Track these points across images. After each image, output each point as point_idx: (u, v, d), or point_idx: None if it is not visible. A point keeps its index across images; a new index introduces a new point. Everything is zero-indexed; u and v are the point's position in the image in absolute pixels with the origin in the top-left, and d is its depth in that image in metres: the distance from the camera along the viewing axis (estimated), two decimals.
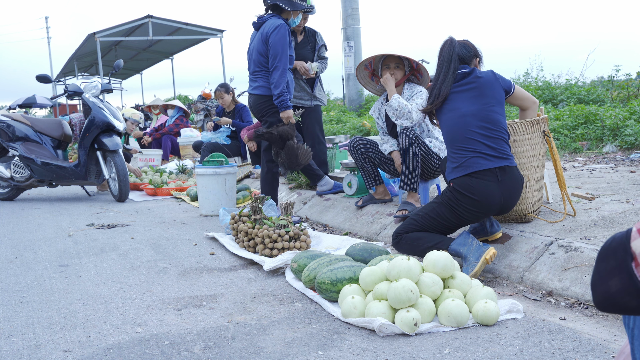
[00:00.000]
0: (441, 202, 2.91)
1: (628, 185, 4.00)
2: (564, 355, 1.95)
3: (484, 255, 2.74)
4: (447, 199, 2.89)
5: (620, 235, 0.97)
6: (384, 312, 2.28)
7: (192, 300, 2.76)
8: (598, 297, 1.01)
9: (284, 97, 4.37)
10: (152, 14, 14.99)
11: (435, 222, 2.93)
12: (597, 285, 1.01)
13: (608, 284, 0.98)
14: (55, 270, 3.44)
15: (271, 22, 4.41)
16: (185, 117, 9.68)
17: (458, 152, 2.89)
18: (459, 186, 2.85)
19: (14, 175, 6.61)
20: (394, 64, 3.94)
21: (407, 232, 2.96)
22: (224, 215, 4.18)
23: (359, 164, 4.12)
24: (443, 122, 3.00)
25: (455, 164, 2.90)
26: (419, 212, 3.00)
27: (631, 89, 8.54)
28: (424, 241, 2.91)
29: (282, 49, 4.34)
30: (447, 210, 2.89)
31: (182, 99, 21.32)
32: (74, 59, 19.90)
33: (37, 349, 2.22)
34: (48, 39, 41.08)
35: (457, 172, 2.87)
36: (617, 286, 0.97)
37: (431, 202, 3.00)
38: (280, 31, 4.35)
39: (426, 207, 2.98)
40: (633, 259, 0.94)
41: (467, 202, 2.84)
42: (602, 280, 0.99)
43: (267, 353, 2.09)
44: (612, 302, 0.99)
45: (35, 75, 6.55)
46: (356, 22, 13.02)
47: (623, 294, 0.96)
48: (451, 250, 2.82)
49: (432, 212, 2.93)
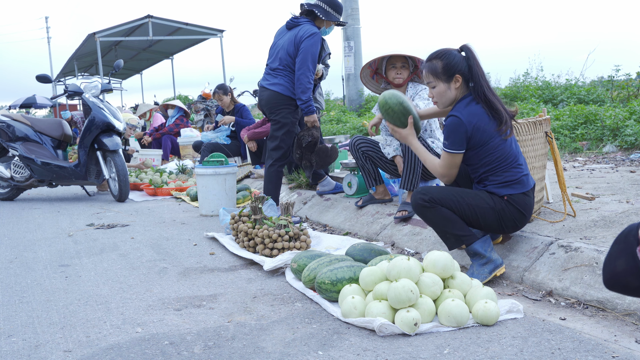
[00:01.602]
0: (493, 207, 2.78)
1: (628, 185, 4.00)
2: (564, 355, 1.96)
3: (497, 272, 2.77)
4: (500, 208, 2.78)
5: (635, 223, 1.11)
6: (384, 312, 2.28)
7: (192, 300, 2.76)
8: (606, 276, 1.14)
9: (311, 103, 4.46)
10: (152, 14, 14.98)
11: (473, 217, 2.79)
12: (607, 265, 1.14)
13: (615, 264, 1.11)
14: (55, 270, 3.44)
15: (307, 28, 4.45)
16: (185, 117, 9.68)
17: (513, 169, 2.79)
18: (516, 203, 2.78)
19: (14, 175, 6.61)
20: (400, 64, 3.95)
21: (443, 205, 2.78)
22: (224, 215, 4.18)
23: (359, 163, 4.12)
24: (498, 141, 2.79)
25: (507, 179, 2.78)
26: (464, 196, 2.80)
27: (631, 89, 8.54)
28: (454, 226, 2.77)
29: (312, 57, 4.42)
30: (493, 217, 2.79)
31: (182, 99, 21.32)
32: (74, 59, 19.90)
33: (37, 349, 2.22)
34: (48, 39, 41.10)
35: (514, 189, 2.78)
36: (622, 266, 1.09)
37: (479, 196, 2.80)
38: (316, 38, 4.42)
39: (474, 199, 2.80)
40: (638, 243, 1.06)
41: (517, 217, 2.80)
42: (611, 260, 1.13)
43: (267, 353, 2.09)
44: (616, 280, 1.12)
45: (35, 75, 6.55)
46: (356, 22, 13.02)
47: (627, 274, 1.09)
48: (472, 249, 2.78)
49: (478, 208, 2.77)
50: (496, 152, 2.75)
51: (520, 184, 2.80)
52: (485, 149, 2.74)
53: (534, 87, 10.15)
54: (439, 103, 2.88)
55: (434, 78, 2.81)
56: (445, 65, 2.77)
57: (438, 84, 2.81)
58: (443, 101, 2.85)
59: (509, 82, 12.00)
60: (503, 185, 2.79)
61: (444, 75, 2.78)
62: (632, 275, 1.08)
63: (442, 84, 2.80)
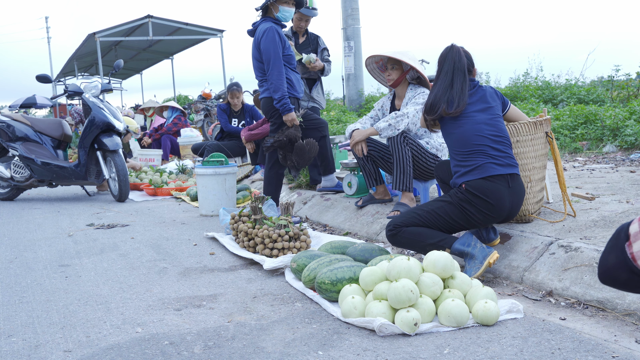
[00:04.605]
0: (451, 202, 2.88)
1: (628, 185, 4.00)
2: (564, 355, 1.96)
3: (488, 259, 2.74)
4: (458, 199, 2.86)
5: (627, 222, 1.19)
6: (384, 312, 2.28)
7: (192, 300, 2.76)
8: (600, 270, 1.22)
9: (285, 101, 4.39)
10: (152, 14, 14.99)
11: (441, 221, 2.89)
12: (602, 260, 1.22)
13: (607, 259, 1.20)
14: (55, 270, 3.44)
15: (260, 28, 4.46)
16: (183, 117, 9.68)
17: (471, 157, 2.86)
18: (473, 188, 2.82)
19: (14, 175, 6.61)
20: (390, 64, 3.97)
21: (407, 226, 2.91)
22: (224, 215, 4.18)
23: (360, 163, 4.12)
24: (454, 128, 2.96)
25: (467, 168, 2.87)
26: (422, 207, 2.96)
27: (631, 89, 8.54)
28: (426, 237, 2.87)
29: (273, 52, 4.36)
30: (457, 211, 2.86)
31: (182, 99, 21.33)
32: (74, 59, 19.90)
33: (37, 349, 2.22)
34: (48, 39, 41.10)
35: (472, 175, 2.84)
36: (613, 260, 1.18)
37: (437, 199, 2.97)
38: (269, 34, 4.37)
39: (431, 204, 2.94)
40: (628, 239, 1.15)
41: (480, 205, 2.82)
42: (604, 256, 1.21)
43: (267, 353, 2.09)
44: (608, 274, 1.20)
45: (35, 75, 6.55)
46: (356, 22, 13.02)
47: (616, 268, 1.17)
48: (454, 250, 2.81)
49: (439, 209, 2.89)
50: (454, 132, 2.91)
51: (478, 170, 2.84)
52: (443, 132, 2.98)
53: (534, 87, 10.15)
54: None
55: None
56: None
57: None
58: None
59: (509, 82, 12.02)
60: (461, 174, 2.89)
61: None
62: (620, 268, 1.15)
63: None
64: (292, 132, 4.46)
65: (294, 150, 4.46)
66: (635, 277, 1.14)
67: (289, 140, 4.45)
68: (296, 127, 4.51)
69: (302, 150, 4.45)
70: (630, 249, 1.13)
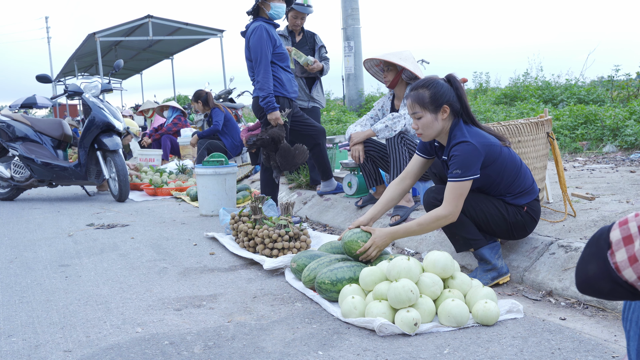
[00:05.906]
0: (506, 218, 2.74)
1: (628, 185, 4.00)
2: (564, 355, 1.95)
3: (499, 280, 2.76)
4: (514, 219, 2.75)
5: (607, 226, 1.07)
6: (384, 312, 2.28)
7: (192, 300, 2.76)
8: (578, 280, 1.12)
9: (269, 99, 4.37)
10: (152, 14, 14.97)
11: (484, 223, 2.76)
12: (579, 269, 1.11)
13: (587, 268, 1.09)
14: (55, 270, 3.44)
15: (250, 28, 4.46)
16: (182, 117, 9.68)
17: (523, 177, 2.76)
18: (532, 211, 2.78)
19: (14, 175, 6.61)
20: (385, 66, 3.97)
21: None
22: (224, 215, 4.18)
23: (360, 163, 4.12)
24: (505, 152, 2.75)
25: (523, 188, 2.76)
26: (477, 201, 2.73)
27: (631, 89, 8.54)
28: (465, 229, 2.74)
29: (261, 50, 4.36)
30: (505, 226, 2.76)
31: (182, 99, 21.33)
32: (74, 59, 19.89)
33: (37, 349, 2.22)
34: (48, 39, 41.10)
35: (529, 197, 2.77)
36: (594, 270, 1.06)
37: (493, 204, 2.75)
38: (257, 33, 4.37)
39: (486, 205, 2.74)
40: (609, 247, 1.04)
41: (530, 225, 2.80)
42: (583, 264, 1.10)
43: (267, 353, 2.09)
44: (589, 285, 1.09)
45: (35, 75, 6.55)
46: (356, 22, 13.02)
47: (598, 278, 1.06)
48: (480, 254, 2.76)
49: (490, 216, 2.73)
50: (506, 162, 2.70)
51: (533, 191, 2.79)
52: (498, 163, 2.68)
53: (534, 87, 10.15)
54: (424, 135, 2.72)
55: (420, 108, 2.67)
56: (433, 95, 2.65)
57: (425, 115, 2.67)
58: (428, 133, 2.70)
59: (509, 82, 12.02)
60: (519, 195, 2.76)
61: (432, 105, 2.66)
62: (603, 280, 1.05)
63: (429, 115, 2.66)
64: (275, 131, 4.40)
65: (279, 150, 4.40)
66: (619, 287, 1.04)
67: (272, 139, 4.38)
68: (280, 126, 4.44)
69: (287, 152, 4.38)
70: (613, 258, 1.03)
